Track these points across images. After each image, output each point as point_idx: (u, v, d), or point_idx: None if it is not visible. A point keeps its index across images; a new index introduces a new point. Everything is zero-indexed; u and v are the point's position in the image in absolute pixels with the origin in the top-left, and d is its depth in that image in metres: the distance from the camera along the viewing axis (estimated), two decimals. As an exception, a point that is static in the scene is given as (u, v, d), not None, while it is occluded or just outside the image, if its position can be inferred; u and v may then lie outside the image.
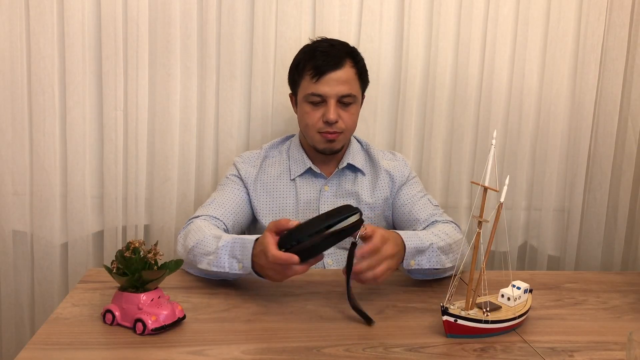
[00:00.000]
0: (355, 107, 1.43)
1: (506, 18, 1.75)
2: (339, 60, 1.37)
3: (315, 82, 1.37)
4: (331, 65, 1.36)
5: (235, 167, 1.49)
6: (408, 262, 1.19)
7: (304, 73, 1.40)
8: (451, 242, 1.28)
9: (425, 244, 1.21)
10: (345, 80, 1.38)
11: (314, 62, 1.37)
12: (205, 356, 0.92)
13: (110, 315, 1.00)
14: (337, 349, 0.97)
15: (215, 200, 1.41)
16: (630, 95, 1.82)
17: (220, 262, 1.16)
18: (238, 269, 1.14)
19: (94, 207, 1.72)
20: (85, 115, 1.66)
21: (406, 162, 1.54)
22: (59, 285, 1.72)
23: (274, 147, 1.55)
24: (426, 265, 1.21)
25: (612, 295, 1.29)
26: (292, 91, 1.50)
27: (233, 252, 1.15)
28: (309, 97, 1.39)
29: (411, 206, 1.45)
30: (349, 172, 1.49)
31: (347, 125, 1.40)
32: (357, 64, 1.42)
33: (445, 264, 1.25)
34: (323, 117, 1.38)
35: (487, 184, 0.99)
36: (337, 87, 1.37)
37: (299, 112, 1.46)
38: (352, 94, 1.39)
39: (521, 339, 1.03)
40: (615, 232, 1.89)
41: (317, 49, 1.40)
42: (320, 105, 1.39)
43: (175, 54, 1.66)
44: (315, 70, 1.37)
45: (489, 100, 1.79)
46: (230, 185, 1.46)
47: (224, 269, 1.16)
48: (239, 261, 1.14)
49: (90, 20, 1.63)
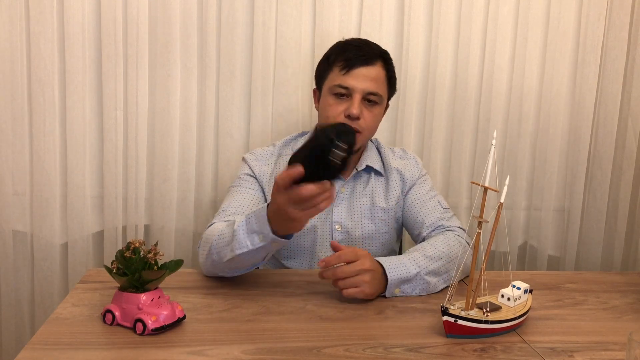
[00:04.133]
0: (379, 109, 1.38)
1: (506, 18, 1.75)
2: (371, 58, 1.35)
3: (343, 75, 1.33)
4: (362, 60, 1.33)
5: (248, 164, 1.43)
6: (391, 291, 1.19)
7: (334, 65, 1.36)
8: (447, 261, 1.25)
9: (412, 272, 1.19)
10: (375, 77, 1.34)
11: (345, 55, 1.34)
12: (205, 356, 0.92)
13: (110, 315, 1.00)
14: (337, 349, 0.97)
15: (231, 204, 1.35)
16: (630, 95, 1.82)
17: (241, 242, 1.09)
18: (259, 241, 1.07)
19: (94, 207, 1.72)
20: (85, 115, 1.66)
21: (417, 160, 1.51)
22: (59, 285, 1.72)
23: (287, 144, 1.49)
24: (412, 293, 1.21)
25: (612, 296, 1.28)
26: (317, 85, 1.44)
27: (250, 227, 1.09)
28: (334, 89, 1.34)
29: (419, 207, 1.43)
30: (365, 173, 1.46)
31: (367, 125, 1.35)
32: (388, 66, 1.39)
33: (436, 286, 1.23)
34: (345, 111, 1.33)
35: (487, 184, 0.99)
36: (365, 83, 1.33)
37: (321, 104, 1.40)
38: (379, 93, 1.35)
39: (521, 339, 1.03)
40: (615, 232, 1.89)
41: (350, 44, 1.38)
42: (344, 99, 1.34)
43: (175, 54, 1.66)
44: (346, 62, 1.33)
45: (489, 100, 1.79)
46: (245, 185, 1.40)
47: (247, 247, 1.08)
48: (258, 233, 1.08)
49: (90, 20, 1.63)
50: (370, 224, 1.41)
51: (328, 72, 1.38)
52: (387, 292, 1.18)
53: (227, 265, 1.17)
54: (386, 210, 1.43)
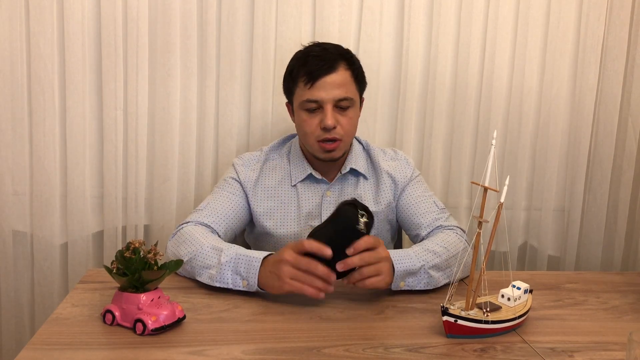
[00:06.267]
0: (354, 111, 1.37)
1: (506, 18, 1.75)
2: (333, 64, 1.32)
3: (309, 88, 1.32)
4: (325, 69, 1.31)
5: (235, 169, 1.44)
6: (397, 283, 1.18)
7: (298, 80, 1.34)
8: (449, 256, 1.26)
9: (416, 265, 1.19)
10: (341, 83, 1.32)
11: (307, 68, 1.32)
12: (205, 356, 0.92)
13: (110, 315, 1.00)
14: (337, 349, 0.97)
15: (209, 205, 1.37)
16: (630, 95, 1.82)
17: (223, 278, 1.16)
18: (242, 286, 1.15)
19: (94, 207, 1.72)
20: (85, 115, 1.66)
21: (408, 161, 1.50)
22: (59, 285, 1.72)
23: (274, 149, 1.49)
24: (417, 287, 1.21)
25: (612, 296, 1.29)
26: (288, 99, 1.43)
27: (237, 269, 1.15)
28: (304, 104, 1.33)
29: (415, 209, 1.43)
30: (352, 176, 1.45)
31: (345, 131, 1.35)
32: (351, 65, 1.36)
33: (439, 281, 1.23)
34: (321, 124, 1.32)
35: (487, 184, 0.99)
36: (333, 91, 1.31)
37: (296, 120, 1.40)
38: (348, 97, 1.33)
39: (521, 339, 1.03)
40: (615, 232, 1.89)
41: (309, 54, 1.35)
42: (316, 111, 1.33)
43: (175, 54, 1.66)
44: (309, 75, 1.31)
45: (489, 100, 1.79)
46: (227, 189, 1.41)
47: (227, 285, 1.16)
48: (244, 278, 1.14)
49: (90, 20, 1.63)
50: None
51: (294, 87, 1.37)
52: (393, 284, 1.17)
53: (194, 277, 1.22)
54: (375, 214, 1.41)
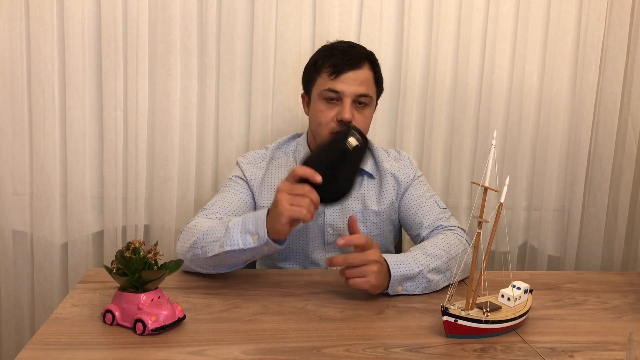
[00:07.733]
0: (370, 110, 1.39)
1: (506, 18, 1.75)
2: (358, 61, 1.35)
3: (333, 79, 1.34)
4: (350, 64, 1.34)
5: (240, 167, 1.44)
6: (394, 288, 1.19)
7: (322, 70, 1.36)
8: (449, 258, 1.26)
9: (415, 270, 1.19)
10: (363, 80, 1.35)
11: (332, 60, 1.35)
12: (205, 356, 0.92)
13: (110, 315, 1.00)
14: (337, 349, 0.97)
15: (217, 202, 1.36)
16: (630, 95, 1.82)
17: (232, 240, 1.13)
18: (253, 242, 1.12)
19: (94, 207, 1.72)
20: (85, 115, 1.66)
21: (411, 161, 1.50)
22: (59, 285, 1.72)
23: (279, 147, 1.49)
24: (415, 291, 1.21)
25: (612, 296, 1.29)
26: (305, 90, 1.45)
27: (245, 227, 1.13)
28: (324, 93, 1.35)
29: (416, 209, 1.43)
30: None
31: (360, 127, 1.34)
32: (375, 67, 1.40)
33: (438, 284, 1.24)
34: (337, 116, 1.34)
35: (487, 184, 0.99)
36: (355, 86, 1.33)
37: (311, 110, 1.41)
38: (369, 94, 1.36)
39: (521, 339, 1.03)
40: (615, 232, 1.89)
41: (336, 48, 1.38)
42: (334, 103, 1.35)
43: (175, 54, 1.66)
44: (334, 67, 1.34)
45: (489, 100, 1.79)
46: (234, 187, 1.41)
47: (238, 245, 1.13)
48: (253, 233, 1.12)
49: (90, 20, 1.63)
50: (363, 227, 1.41)
51: (316, 77, 1.39)
52: (389, 288, 1.18)
53: (209, 261, 1.20)
54: (378, 214, 1.43)
